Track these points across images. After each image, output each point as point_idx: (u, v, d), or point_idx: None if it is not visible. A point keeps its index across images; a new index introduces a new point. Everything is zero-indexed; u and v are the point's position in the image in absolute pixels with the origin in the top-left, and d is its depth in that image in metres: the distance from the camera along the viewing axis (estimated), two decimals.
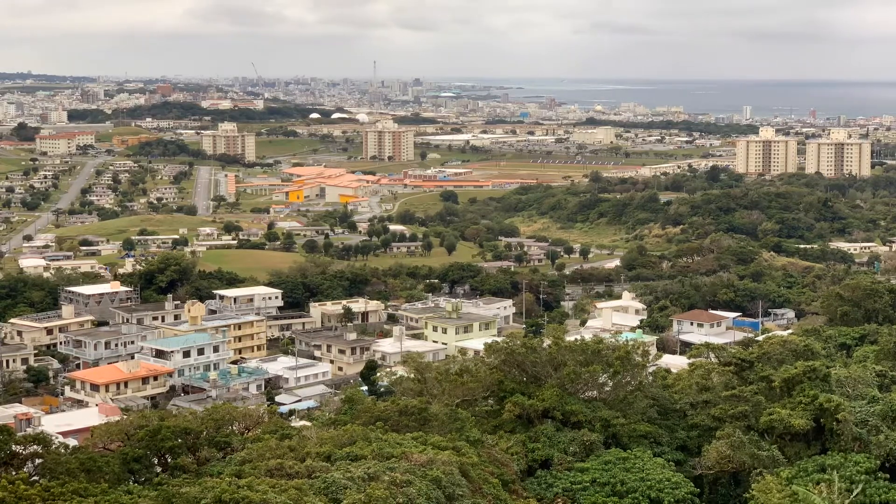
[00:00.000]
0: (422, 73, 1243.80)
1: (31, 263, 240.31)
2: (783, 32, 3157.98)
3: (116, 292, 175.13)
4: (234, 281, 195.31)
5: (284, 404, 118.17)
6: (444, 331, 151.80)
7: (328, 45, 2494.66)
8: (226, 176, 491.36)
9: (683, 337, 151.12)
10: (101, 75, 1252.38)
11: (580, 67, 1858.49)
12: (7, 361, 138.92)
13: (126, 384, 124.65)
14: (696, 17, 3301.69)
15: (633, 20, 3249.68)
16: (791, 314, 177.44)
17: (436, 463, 50.32)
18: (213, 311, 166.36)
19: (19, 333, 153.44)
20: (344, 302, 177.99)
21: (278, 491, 45.41)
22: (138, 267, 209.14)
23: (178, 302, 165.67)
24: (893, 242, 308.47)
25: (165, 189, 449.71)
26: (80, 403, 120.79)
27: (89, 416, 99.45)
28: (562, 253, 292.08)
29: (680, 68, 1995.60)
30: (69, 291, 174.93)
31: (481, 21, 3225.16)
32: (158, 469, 62.61)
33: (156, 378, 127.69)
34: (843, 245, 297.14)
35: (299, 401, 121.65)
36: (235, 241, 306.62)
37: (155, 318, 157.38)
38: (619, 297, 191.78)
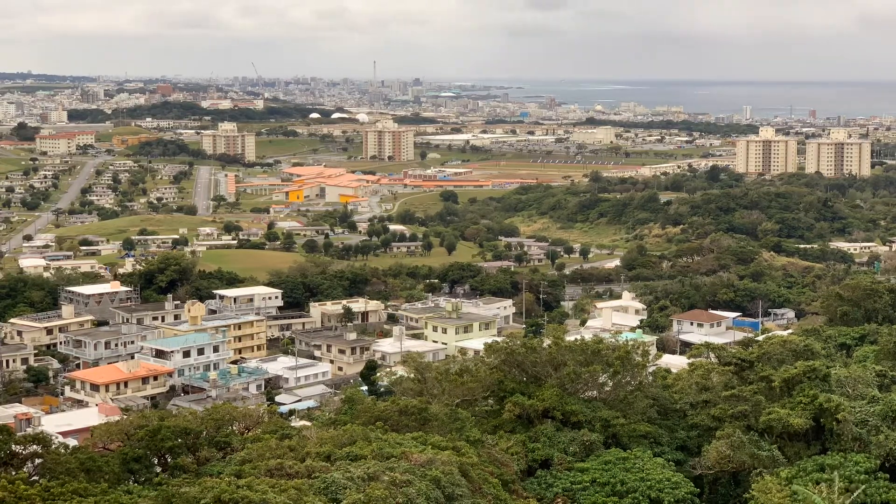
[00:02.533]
0: (354, 71, 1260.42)
1: (31, 263, 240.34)
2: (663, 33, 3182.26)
3: (116, 292, 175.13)
4: (234, 281, 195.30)
5: (284, 404, 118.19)
6: (444, 331, 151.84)
7: (266, 47, 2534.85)
8: (226, 176, 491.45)
9: (683, 337, 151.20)
10: (100, 75, 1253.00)
11: (482, 67, 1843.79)
12: (7, 361, 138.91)
13: (126, 384, 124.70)
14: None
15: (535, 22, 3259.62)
16: (791, 314, 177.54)
17: (436, 463, 50.31)
18: (213, 311, 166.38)
19: (19, 333, 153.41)
20: (344, 302, 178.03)
21: (278, 491, 45.41)
22: (138, 267, 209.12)
23: (178, 302, 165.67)
24: (893, 242, 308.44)
25: (165, 189, 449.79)
26: (80, 403, 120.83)
27: (89, 416, 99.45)
28: (562, 253, 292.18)
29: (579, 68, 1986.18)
30: (69, 291, 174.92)
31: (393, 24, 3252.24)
32: (158, 469, 62.60)
33: (156, 378, 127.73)
34: (843, 245, 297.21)
35: (299, 401, 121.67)
36: (235, 241, 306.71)
37: (155, 318, 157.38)
38: (619, 297, 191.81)
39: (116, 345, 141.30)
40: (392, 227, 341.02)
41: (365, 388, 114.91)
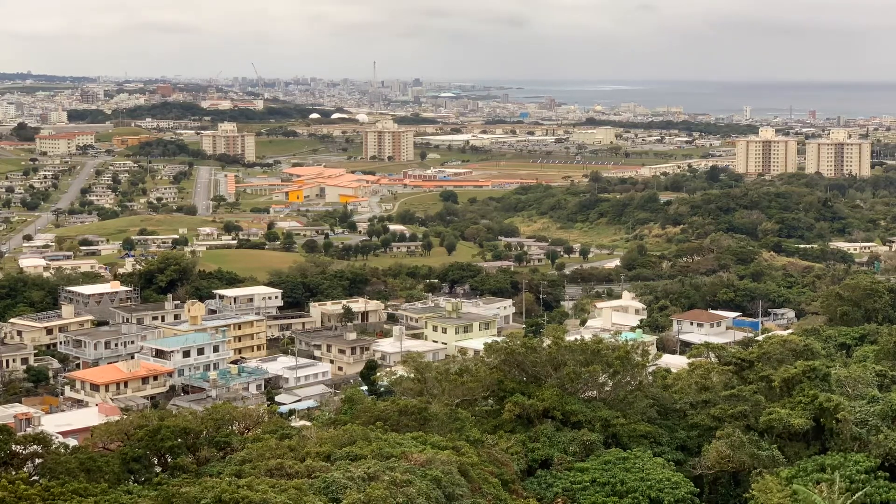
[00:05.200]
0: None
1: (31, 263, 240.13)
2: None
3: (116, 292, 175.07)
4: (234, 281, 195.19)
5: (284, 404, 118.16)
6: (444, 331, 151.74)
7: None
8: (226, 176, 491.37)
9: (683, 337, 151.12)
10: (100, 75, 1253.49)
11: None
12: (7, 361, 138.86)
13: (126, 384, 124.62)
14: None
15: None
16: (791, 314, 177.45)
17: (435, 463, 50.34)
18: (213, 311, 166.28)
19: (19, 333, 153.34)
20: (344, 302, 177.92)
21: (278, 491, 45.43)
22: (138, 267, 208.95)
23: (178, 302, 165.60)
24: (893, 242, 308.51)
25: (165, 189, 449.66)
26: (80, 403, 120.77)
27: (89, 416, 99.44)
28: (562, 253, 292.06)
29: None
30: (69, 291, 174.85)
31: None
32: (158, 469, 62.59)
33: (156, 378, 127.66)
34: (843, 245, 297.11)
35: (299, 401, 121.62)
36: (235, 241, 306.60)
37: (155, 318, 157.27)
38: (619, 297, 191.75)
39: (116, 345, 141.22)
40: (392, 227, 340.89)
41: (365, 388, 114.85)
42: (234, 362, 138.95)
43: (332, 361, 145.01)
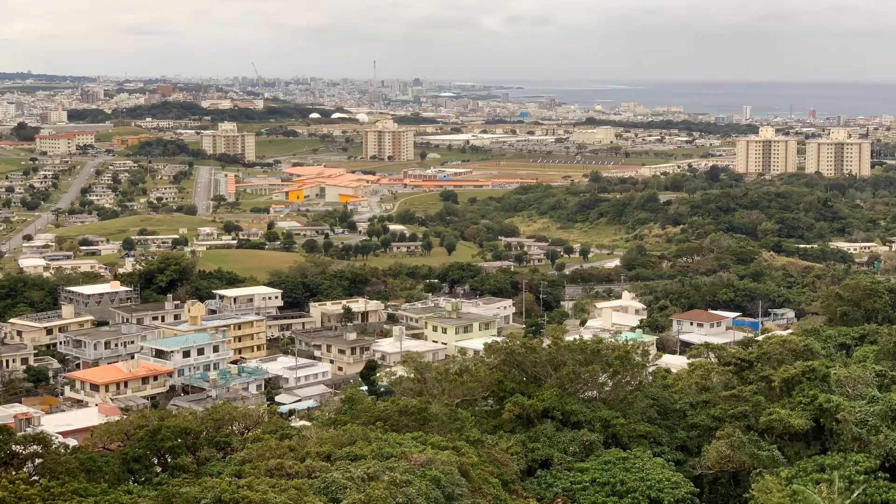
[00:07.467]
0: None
1: (31, 263, 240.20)
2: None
3: (116, 292, 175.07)
4: (234, 281, 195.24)
5: (284, 404, 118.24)
6: (444, 331, 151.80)
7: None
8: (226, 176, 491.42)
9: (683, 337, 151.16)
10: (101, 75, 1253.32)
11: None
12: (7, 361, 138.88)
13: (126, 384, 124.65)
14: None
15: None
16: (791, 314, 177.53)
17: (435, 463, 50.33)
18: (213, 311, 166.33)
19: (19, 333, 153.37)
20: (344, 302, 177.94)
21: (278, 491, 45.42)
22: (138, 267, 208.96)
23: (178, 302, 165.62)
24: (893, 242, 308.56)
25: (165, 189, 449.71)
26: (79, 403, 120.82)
27: (89, 416, 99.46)
28: (562, 253, 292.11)
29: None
30: (69, 291, 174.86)
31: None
32: (158, 469, 62.59)
33: (156, 378, 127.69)
34: (843, 245, 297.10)
35: (299, 401, 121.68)
36: (235, 241, 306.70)
37: (155, 318, 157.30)
38: (619, 297, 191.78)
39: (116, 345, 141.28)
40: (392, 227, 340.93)
41: (365, 388, 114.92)
42: (234, 362, 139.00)
43: (332, 361, 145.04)
